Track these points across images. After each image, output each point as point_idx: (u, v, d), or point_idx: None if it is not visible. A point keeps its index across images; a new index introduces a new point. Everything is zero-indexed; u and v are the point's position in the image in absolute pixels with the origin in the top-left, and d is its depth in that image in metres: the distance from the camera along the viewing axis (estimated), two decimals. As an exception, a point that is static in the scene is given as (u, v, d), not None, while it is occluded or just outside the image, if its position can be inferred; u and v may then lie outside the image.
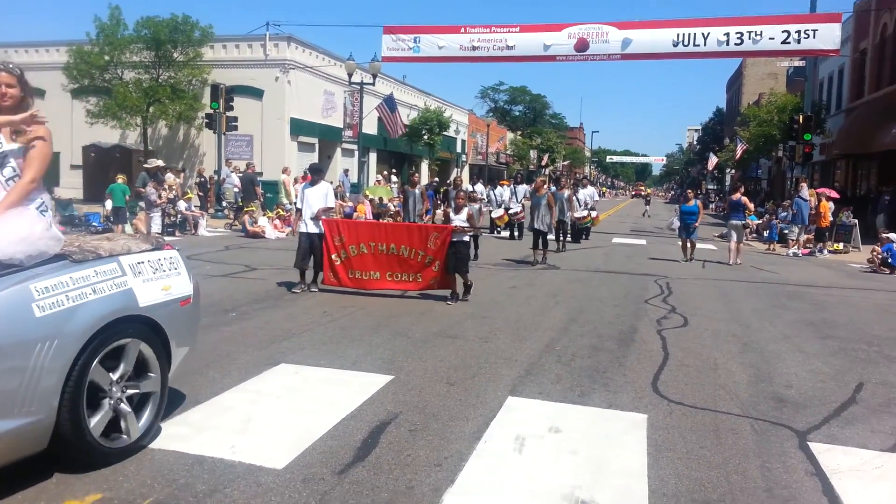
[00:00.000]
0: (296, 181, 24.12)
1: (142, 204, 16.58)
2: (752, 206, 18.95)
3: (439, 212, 18.54)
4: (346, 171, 30.64)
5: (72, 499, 3.62)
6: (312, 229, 9.96)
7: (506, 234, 21.33)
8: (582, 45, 24.09)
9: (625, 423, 5.11)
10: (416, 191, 17.35)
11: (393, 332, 7.77)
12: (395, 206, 22.61)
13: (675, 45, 23.23)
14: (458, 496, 3.84)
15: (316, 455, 4.31)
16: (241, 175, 21.41)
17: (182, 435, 4.51)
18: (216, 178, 24.19)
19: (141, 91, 26.06)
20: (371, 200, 23.77)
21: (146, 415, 4.31)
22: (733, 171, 53.58)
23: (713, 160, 56.42)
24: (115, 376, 4.05)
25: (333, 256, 9.97)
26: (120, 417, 4.11)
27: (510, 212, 20.80)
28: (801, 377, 6.55)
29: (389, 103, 29.06)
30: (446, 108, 42.55)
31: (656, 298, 10.79)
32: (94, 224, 15.52)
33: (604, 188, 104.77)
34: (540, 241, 14.36)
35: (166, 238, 14.50)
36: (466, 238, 9.98)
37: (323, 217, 10.05)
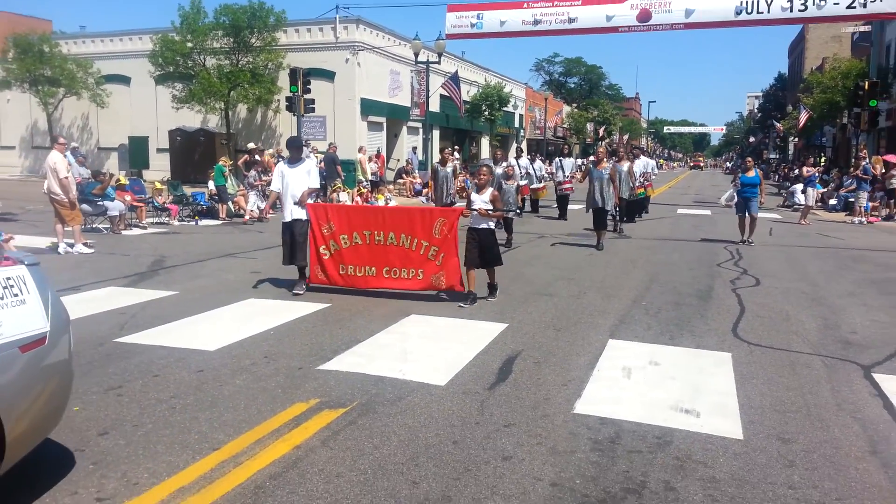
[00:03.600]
0: (370, 159, 25.47)
1: (249, 180, 18.04)
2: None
3: (453, 190, 15.15)
4: (413, 149, 31.83)
5: (299, 401, 4.86)
6: (298, 215, 8.46)
7: (553, 212, 19.48)
8: (644, 16, 24.41)
9: (713, 360, 6.11)
10: (448, 169, 15.12)
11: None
12: (461, 182, 23.63)
13: (738, 12, 23.32)
14: (586, 404, 4.93)
15: (466, 377, 5.47)
16: (322, 155, 22.75)
17: (358, 362, 5.74)
18: (307, 156, 25.64)
19: (223, 76, 27.67)
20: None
21: None
22: (797, 139, 52.61)
23: (780, 126, 55.35)
24: None
25: (322, 249, 8.42)
26: None
27: (558, 181, 19.27)
28: (865, 325, 7.39)
29: (454, 80, 30.00)
30: (505, 84, 43.17)
31: (728, 262, 11.60)
32: (200, 202, 17.10)
33: (661, 160, 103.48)
34: (601, 220, 12.94)
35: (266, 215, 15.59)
36: (491, 224, 8.20)
37: (308, 201, 8.53)
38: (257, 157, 18.06)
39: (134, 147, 31.90)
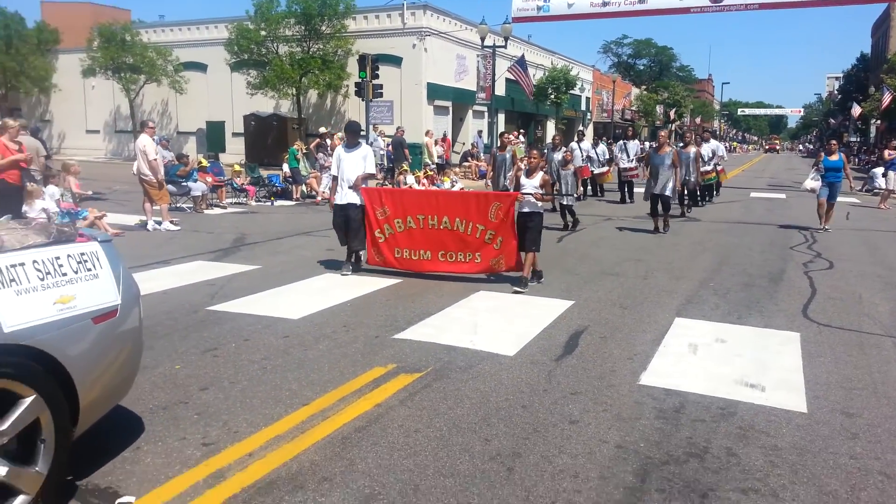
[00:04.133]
0: (436, 143, 25.80)
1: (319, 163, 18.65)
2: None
3: (511, 174, 13.78)
4: (479, 133, 31.96)
5: (378, 366, 5.21)
6: (352, 199, 8.54)
7: (616, 196, 18.98)
8: (718, -4, 23.78)
9: (780, 339, 6.15)
10: (507, 154, 14.71)
11: (562, 271, 9.06)
12: (524, 166, 23.69)
13: (817, -9, 22.51)
14: (652, 376, 5.10)
15: (534, 349, 5.71)
16: (391, 138, 23.19)
17: (431, 333, 6.05)
18: (364, 141, 26.25)
19: (294, 63, 28.45)
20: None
21: None
22: (879, 121, 50.06)
23: (857, 110, 52.83)
24: None
25: (377, 233, 8.52)
26: None
27: (623, 168, 18.85)
28: (945, 310, 7.24)
29: (521, 64, 29.93)
30: (572, 66, 42.68)
31: (801, 246, 11.40)
32: (275, 184, 17.82)
33: (735, 143, 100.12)
34: (660, 206, 12.44)
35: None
36: (539, 208, 8.12)
37: (363, 186, 8.62)
38: (328, 140, 18.58)
39: (211, 131, 33.14)
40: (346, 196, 8.58)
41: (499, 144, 15.79)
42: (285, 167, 18.18)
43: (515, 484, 3.50)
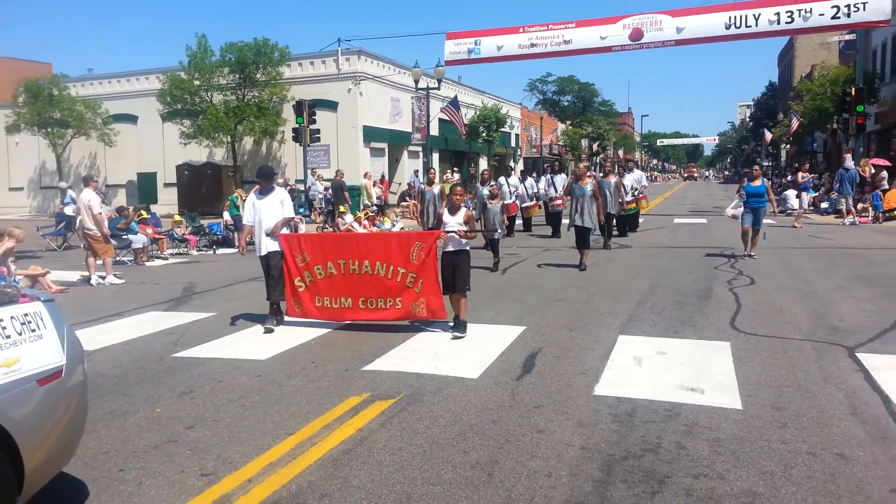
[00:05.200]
0: (374, 184, 26.29)
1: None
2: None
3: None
4: (415, 172, 32.66)
5: (353, 395, 5.54)
6: (271, 247, 8.17)
7: (546, 230, 18.98)
8: (637, 35, 25.28)
9: (713, 348, 6.79)
10: (435, 190, 14.09)
11: (510, 300, 9.59)
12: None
13: (728, 27, 24.15)
14: (604, 387, 5.61)
15: (496, 371, 6.15)
16: (331, 181, 23.56)
17: (397, 363, 6.42)
18: (301, 186, 26.48)
19: (230, 111, 28.58)
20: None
21: None
22: (788, 146, 53.60)
23: (768, 136, 56.44)
24: None
25: (297, 280, 8.06)
26: None
27: (549, 200, 18.83)
28: (852, 314, 8.09)
29: (454, 104, 30.95)
30: (501, 105, 44.20)
31: (725, 265, 12.31)
32: (216, 233, 17.85)
33: (655, 173, 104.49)
34: (583, 238, 12.20)
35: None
36: (465, 245, 7.79)
37: (281, 232, 8.19)
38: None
39: (142, 183, 32.63)
40: (266, 245, 8.19)
41: (426, 180, 15.12)
42: (226, 215, 18.27)
43: (497, 486, 3.90)
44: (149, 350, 7.22)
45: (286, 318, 8.31)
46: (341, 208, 21.55)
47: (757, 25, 23.84)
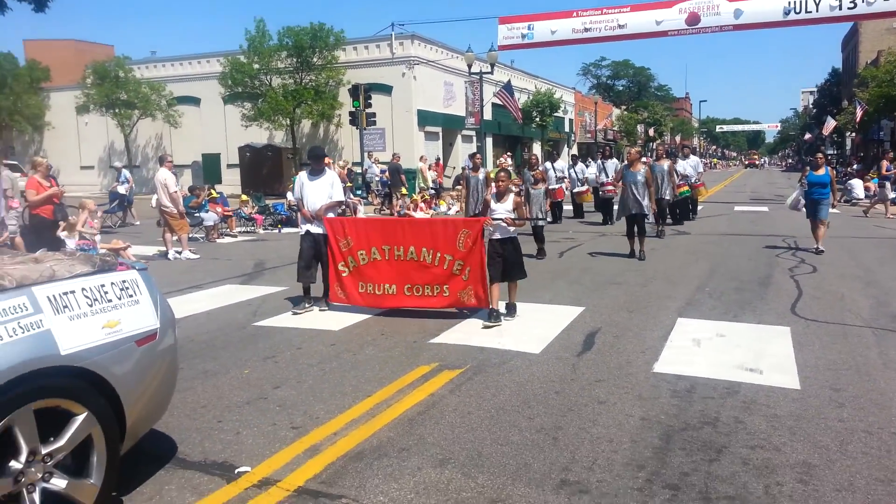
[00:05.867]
0: (430, 167, 26.63)
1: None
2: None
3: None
4: (469, 156, 32.89)
5: (422, 364, 5.89)
6: (316, 229, 8.11)
7: (596, 217, 18.42)
8: (693, 19, 24.84)
9: (772, 332, 6.90)
10: (480, 176, 13.76)
11: (567, 281, 9.81)
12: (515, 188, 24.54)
13: (787, 13, 23.49)
14: (663, 365, 5.82)
15: (556, 347, 6.42)
16: (387, 164, 24.00)
17: (462, 337, 6.75)
18: (358, 169, 27.03)
19: (288, 94, 29.32)
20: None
21: None
22: (854, 134, 51.75)
23: (830, 124, 54.56)
24: (20, 460, 2.98)
25: (340, 266, 7.97)
26: None
27: (600, 185, 18.02)
28: (917, 303, 8.05)
29: (508, 89, 30.99)
30: (555, 90, 43.97)
31: (786, 253, 12.23)
32: (281, 212, 18.50)
33: (714, 160, 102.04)
34: (636, 227, 11.69)
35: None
36: (513, 233, 7.56)
37: (326, 216, 8.08)
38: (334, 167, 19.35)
39: (206, 163, 33.85)
40: (312, 226, 8.17)
41: (471, 165, 14.48)
42: (289, 196, 18.86)
43: (561, 449, 4.19)
44: (230, 319, 7.74)
45: (330, 304, 8.18)
46: (402, 191, 21.98)
47: (818, 11, 23.02)
